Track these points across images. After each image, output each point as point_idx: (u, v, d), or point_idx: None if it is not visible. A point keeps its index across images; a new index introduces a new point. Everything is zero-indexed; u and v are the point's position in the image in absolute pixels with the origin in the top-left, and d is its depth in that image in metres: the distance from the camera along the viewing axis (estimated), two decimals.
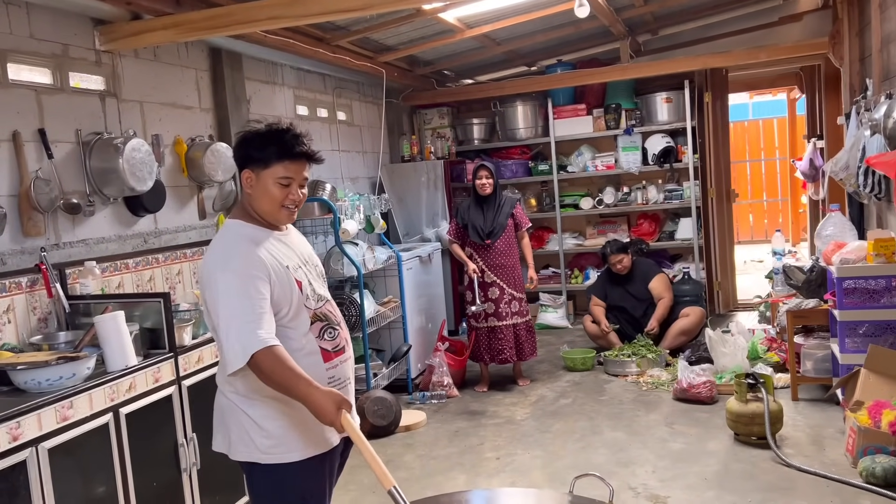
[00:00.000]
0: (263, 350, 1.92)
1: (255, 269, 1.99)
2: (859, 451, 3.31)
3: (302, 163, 2.08)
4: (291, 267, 2.10)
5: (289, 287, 2.06)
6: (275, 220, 2.13)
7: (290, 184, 2.07)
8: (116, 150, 3.29)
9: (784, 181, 11.87)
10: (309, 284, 2.14)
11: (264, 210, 2.10)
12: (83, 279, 3.09)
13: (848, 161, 4.71)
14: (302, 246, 2.26)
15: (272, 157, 2.04)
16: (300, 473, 2.07)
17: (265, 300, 1.98)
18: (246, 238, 2.07)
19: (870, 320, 3.83)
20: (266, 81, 4.87)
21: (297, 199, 2.11)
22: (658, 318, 5.51)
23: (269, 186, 2.06)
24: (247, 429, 2.06)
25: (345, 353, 2.19)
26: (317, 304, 2.14)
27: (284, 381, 1.94)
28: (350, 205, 4.65)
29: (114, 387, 2.59)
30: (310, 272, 2.19)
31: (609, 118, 6.75)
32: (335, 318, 2.20)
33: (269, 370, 1.93)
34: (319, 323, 2.13)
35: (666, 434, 4.01)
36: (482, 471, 3.72)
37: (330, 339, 2.14)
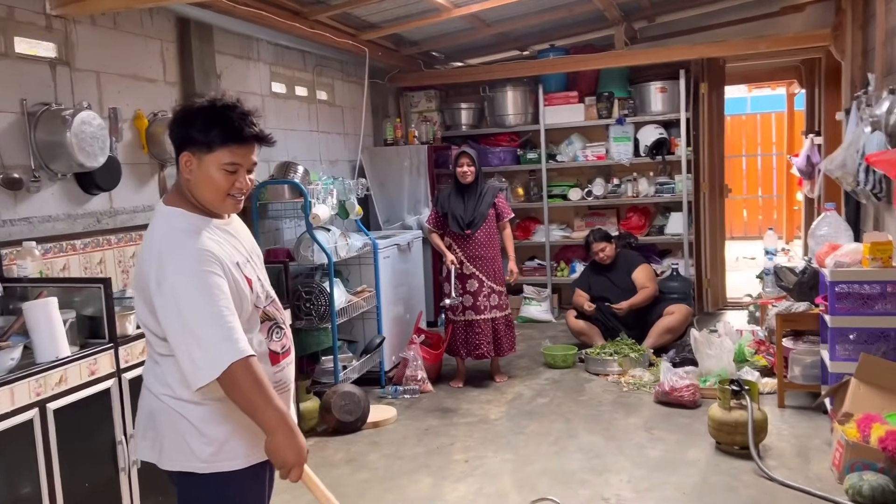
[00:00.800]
0: (240, 361, 1.70)
1: (209, 265, 1.75)
2: (846, 466, 3.13)
3: (251, 146, 1.83)
4: (241, 263, 1.86)
5: (241, 285, 1.82)
6: (218, 210, 1.88)
7: (236, 170, 1.81)
8: (64, 123, 3.05)
9: (780, 177, 11.69)
10: (258, 280, 1.93)
11: (206, 199, 1.84)
12: (21, 260, 2.86)
13: (845, 159, 4.51)
14: (246, 236, 2.02)
15: (216, 141, 1.78)
16: (243, 482, 1.86)
17: (229, 299, 1.75)
18: (191, 231, 1.81)
19: (862, 327, 3.64)
20: (239, 56, 4.62)
21: (245, 186, 1.85)
22: (632, 302, 5.33)
23: (212, 173, 1.80)
24: (184, 435, 1.82)
25: (289, 356, 1.99)
26: (264, 302, 1.93)
27: (255, 401, 1.72)
28: (323, 189, 4.43)
29: (40, 380, 2.38)
30: (256, 266, 1.97)
31: (601, 107, 6.52)
32: (281, 316, 1.99)
33: (241, 384, 1.71)
34: (268, 322, 1.93)
35: (644, 440, 3.82)
36: (449, 474, 3.52)
37: (277, 340, 1.94)
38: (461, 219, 4.78)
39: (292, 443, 1.74)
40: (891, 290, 3.60)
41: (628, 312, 5.39)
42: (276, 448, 1.73)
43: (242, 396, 1.72)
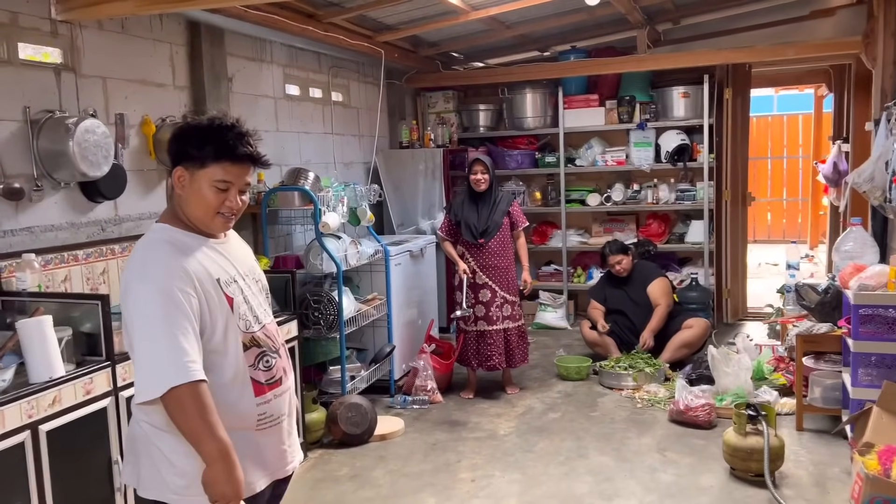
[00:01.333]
0: (186, 386, 1.67)
1: (178, 279, 1.74)
2: (865, 500, 2.99)
3: (245, 166, 1.85)
4: (223, 280, 1.83)
5: (217, 304, 1.79)
6: (207, 228, 1.88)
7: (228, 188, 1.83)
8: (67, 132, 3.00)
9: (806, 181, 11.42)
10: (245, 302, 1.87)
11: (195, 216, 1.85)
12: (19, 272, 2.81)
13: (874, 172, 4.35)
14: (242, 257, 1.98)
15: (209, 157, 1.80)
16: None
17: (189, 320, 1.71)
18: (170, 243, 1.81)
19: (887, 353, 3.50)
20: (252, 58, 4.55)
21: (236, 206, 1.87)
22: (652, 329, 5.19)
23: (203, 189, 1.81)
24: (157, 464, 1.80)
25: (281, 386, 1.93)
26: (251, 327, 1.87)
27: (196, 429, 1.69)
28: (333, 196, 4.35)
29: (33, 402, 2.33)
30: (248, 287, 1.92)
31: (622, 111, 6.38)
32: (273, 343, 1.93)
33: (184, 409, 1.68)
34: (255, 349, 1.87)
35: (657, 462, 3.71)
36: (454, 494, 3.44)
37: (265, 370, 1.88)
38: (475, 227, 4.68)
39: (226, 476, 1.69)
40: None
41: (644, 318, 5.26)
42: (214, 480, 1.69)
43: (185, 422, 1.68)
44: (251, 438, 1.85)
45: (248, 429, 1.84)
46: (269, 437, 1.90)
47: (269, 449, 1.91)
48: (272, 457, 1.92)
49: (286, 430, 1.96)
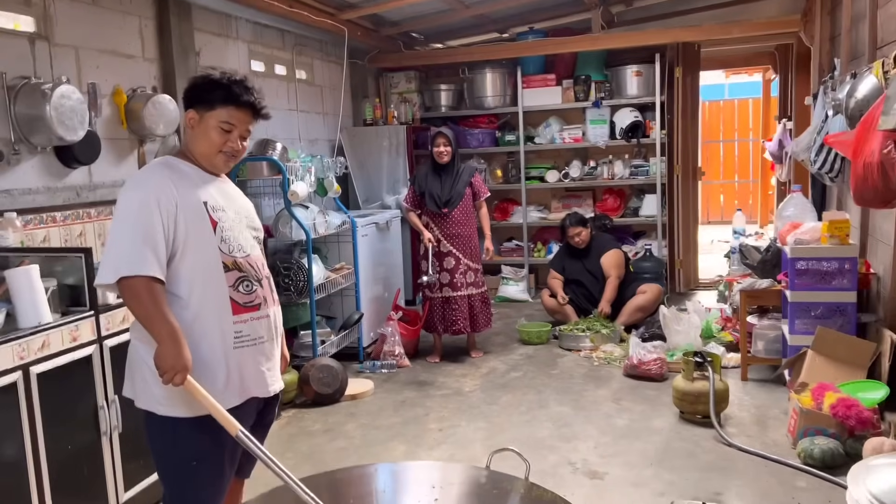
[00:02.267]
0: (140, 278, 1.89)
1: (161, 197, 1.94)
2: (800, 432, 3.29)
3: (247, 112, 2.08)
4: (211, 205, 2.05)
5: (199, 222, 2.00)
6: (210, 166, 2.11)
7: (231, 130, 2.06)
8: (44, 97, 3.09)
9: (756, 162, 11.89)
10: (229, 229, 2.08)
11: (201, 152, 2.09)
12: (2, 230, 2.91)
13: (810, 142, 4.66)
14: (239, 199, 2.21)
15: (217, 101, 2.04)
16: (191, 431, 2.01)
17: (157, 228, 1.93)
18: (166, 166, 2.05)
19: (820, 301, 3.79)
20: (218, 34, 4.66)
21: (237, 148, 2.10)
22: (608, 299, 5.46)
23: (209, 129, 2.05)
24: (146, 377, 2.03)
25: (259, 311, 2.11)
26: (234, 252, 2.07)
27: (148, 314, 1.90)
28: (301, 166, 4.49)
29: (24, 344, 2.44)
30: (237, 221, 2.12)
31: (578, 90, 6.63)
32: (257, 273, 2.12)
33: (138, 297, 1.90)
34: (236, 272, 2.06)
35: (612, 410, 3.96)
36: (423, 442, 3.64)
37: (245, 293, 2.07)
38: (438, 198, 4.87)
39: (174, 352, 1.88)
40: (847, 267, 3.75)
41: (600, 288, 5.51)
42: (163, 355, 1.88)
43: (137, 307, 1.91)
44: (229, 354, 2.03)
45: (226, 344, 2.02)
46: (247, 357, 2.07)
47: (247, 368, 2.07)
48: (250, 375, 2.08)
49: (266, 354, 2.13)
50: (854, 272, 3.74)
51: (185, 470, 2.03)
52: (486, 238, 5.07)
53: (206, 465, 2.04)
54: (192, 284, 1.98)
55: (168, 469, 2.07)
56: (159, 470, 2.09)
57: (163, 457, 2.06)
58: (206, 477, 2.05)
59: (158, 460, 2.08)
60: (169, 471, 2.07)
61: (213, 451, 2.03)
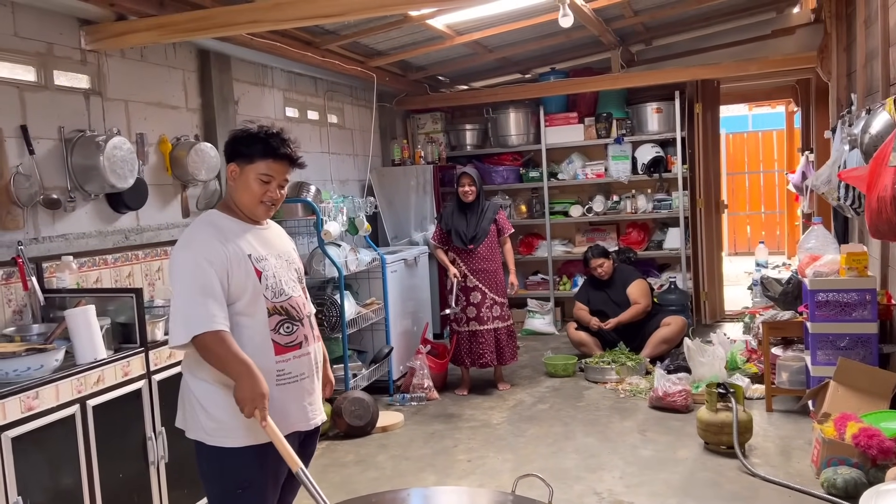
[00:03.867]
0: (210, 333, 2.05)
1: (210, 255, 2.11)
2: (823, 462, 3.34)
3: (284, 164, 2.22)
4: (255, 257, 2.20)
5: (246, 275, 2.15)
6: (252, 215, 2.26)
7: (270, 181, 2.20)
8: (98, 148, 3.35)
9: (782, 193, 11.90)
10: (273, 276, 2.23)
11: (243, 203, 2.24)
12: (59, 273, 3.15)
13: (830, 175, 4.74)
14: (280, 242, 2.37)
15: (257, 154, 2.18)
16: (239, 460, 2.16)
17: (214, 284, 2.09)
18: (211, 224, 2.20)
19: (841, 333, 3.86)
20: (255, 83, 4.93)
21: (276, 197, 2.24)
22: (621, 319, 5.55)
23: (250, 181, 2.19)
24: (195, 408, 2.19)
25: (300, 349, 2.25)
26: (277, 297, 2.22)
27: (223, 359, 2.06)
28: (334, 207, 4.70)
29: (81, 379, 2.64)
30: (280, 266, 2.28)
31: (600, 127, 6.80)
32: (298, 313, 2.27)
33: (211, 349, 2.07)
34: (278, 316, 2.21)
35: (637, 441, 4.04)
36: (452, 472, 3.76)
37: (286, 334, 2.22)
38: (464, 234, 5.04)
39: (251, 384, 2.04)
40: (868, 298, 3.82)
41: (628, 324, 5.60)
42: (239, 389, 2.05)
43: (213, 358, 2.07)
44: (272, 392, 2.16)
45: (269, 382, 2.16)
46: (290, 393, 2.22)
47: (290, 403, 2.23)
48: (293, 410, 2.24)
49: (307, 389, 2.28)
50: (874, 303, 3.82)
51: (231, 497, 2.19)
52: (511, 273, 5.21)
53: (250, 492, 2.18)
54: (239, 329, 2.14)
55: (215, 495, 2.23)
56: (208, 496, 2.25)
57: (211, 483, 2.22)
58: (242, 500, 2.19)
59: (207, 487, 2.24)
60: (216, 497, 2.23)
61: (258, 480, 2.18)
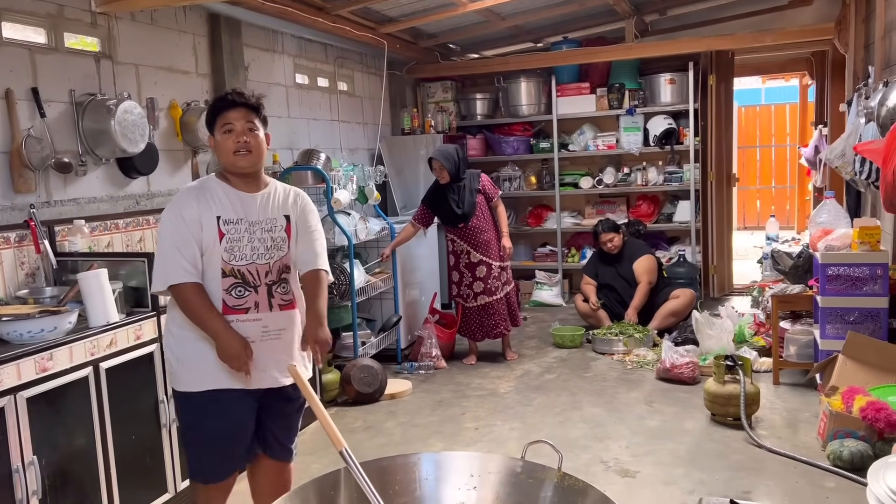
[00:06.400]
0: (186, 284, 2.25)
1: (185, 212, 2.29)
2: (830, 434, 3.35)
3: (240, 110, 2.34)
4: (224, 218, 2.32)
5: (210, 234, 2.29)
6: (236, 169, 2.35)
7: (232, 129, 2.32)
8: (108, 112, 3.34)
9: (793, 168, 11.80)
10: (237, 240, 2.32)
11: (225, 163, 2.36)
12: (71, 237, 3.16)
13: (844, 149, 4.69)
14: (268, 210, 2.41)
15: (216, 114, 2.36)
16: (204, 404, 2.34)
17: (188, 240, 2.27)
18: (200, 186, 2.37)
19: (851, 307, 3.85)
20: (265, 49, 4.89)
21: (244, 141, 2.32)
22: (635, 306, 5.54)
23: (220, 140, 2.34)
24: (169, 356, 2.42)
25: (247, 314, 2.34)
26: (236, 260, 2.32)
27: (201, 313, 2.26)
28: (343, 175, 4.69)
29: (94, 341, 2.66)
30: (251, 231, 2.34)
31: (612, 98, 6.73)
32: (254, 280, 2.35)
33: (186, 301, 2.27)
34: (232, 278, 2.32)
35: (644, 412, 4.07)
36: (460, 439, 3.79)
37: (236, 297, 2.33)
38: (454, 214, 4.93)
39: (229, 341, 2.25)
40: (879, 273, 3.80)
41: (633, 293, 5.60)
42: (220, 348, 2.26)
43: (189, 310, 2.27)
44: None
45: None
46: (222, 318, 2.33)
47: None
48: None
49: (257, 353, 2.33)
50: (885, 278, 3.80)
51: (191, 435, 2.42)
52: (504, 236, 5.06)
53: (208, 433, 2.37)
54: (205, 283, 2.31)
55: (183, 434, 2.51)
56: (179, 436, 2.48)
57: (180, 423, 2.50)
58: (207, 444, 2.38)
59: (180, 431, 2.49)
60: (183, 435, 2.50)
61: (215, 423, 2.35)
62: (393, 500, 2.14)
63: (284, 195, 2.46)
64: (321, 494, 2.09)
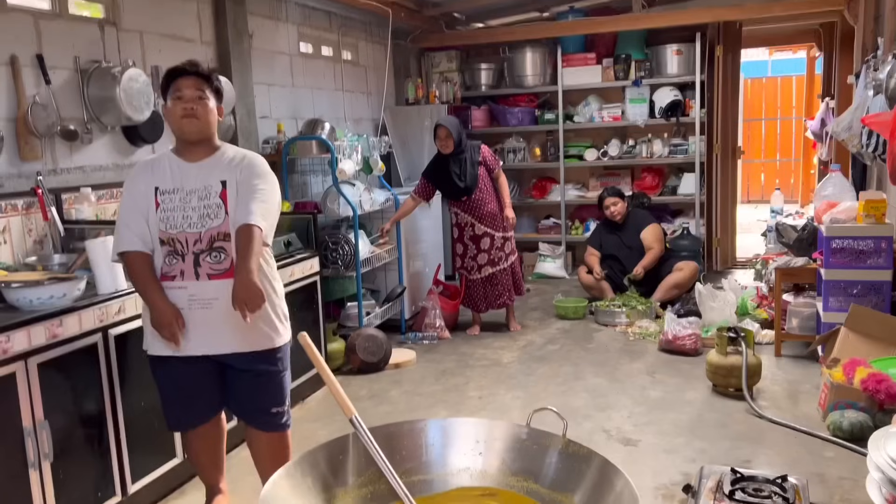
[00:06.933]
0: (132, 253, 2.39)
1: (133, 186, 2.44)
2: (830, 405, 3.39)
3: (190, 79, 2.41)
4: (161, 189, 2.42)
5: (149, 205, 2.41)
6: (183, 135, 2.44)
7: (181, 95, 2.39)
8: (114, 79, 3.33)
9: (798, 141, 11.74)
10: (171, 210, 2.40)
11: (175, 129, 2.45)
12: (78, 205, 3.17)
13: (852, 121, 4.67)
14: (205, 177, 2.44)
15: (167, 83, 2.44)
16: (157, 368, 2.54)
17: (134, 212, 2.40)
18: (151, 161, 2.50)
19: (854, 280, 3.86)
20: (269, 17, 4.85)
21: (192, 107, 2.39)
22: (644, 264, 5.56)
23: (170, 107, 2.43)
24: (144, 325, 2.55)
25: (173, 282, 2.42)
26: (170, 229, 2.40)
27: (139, 283, 2.42)
28: (348, 145, 4.68)
29: (103, 308, 2.68)
30: (186, 200, 2.41)
31: (618, 68, 6.68)
32: (182, 248, 2.41)
33: (128, 270, 2.45)
34: (168, 247, 2.42)
35: (647, 382, 4.10)
36: (464, 408, 3.83)
37: (167, 265, 2.43)
38: (457, 187, 4.92)
39: (161, 312, 2.37)
40: (884, 246, 3.80)
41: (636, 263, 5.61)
42: (153, 319, 2.40)
43: (132, 279, 2.45)
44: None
45: None
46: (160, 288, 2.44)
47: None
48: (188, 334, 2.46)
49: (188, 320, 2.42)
50: (889, 251, 3.80)
51: (160, 394, 2.61)
52: (506, 207, 5.06)
53: (162, 392, 2.58)
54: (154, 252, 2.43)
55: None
56: None
57: None
58: (165, 400, 2.59)
59: None
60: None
61: (165, 384, 2.55)
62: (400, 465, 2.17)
63: (228, 160, 2.47)
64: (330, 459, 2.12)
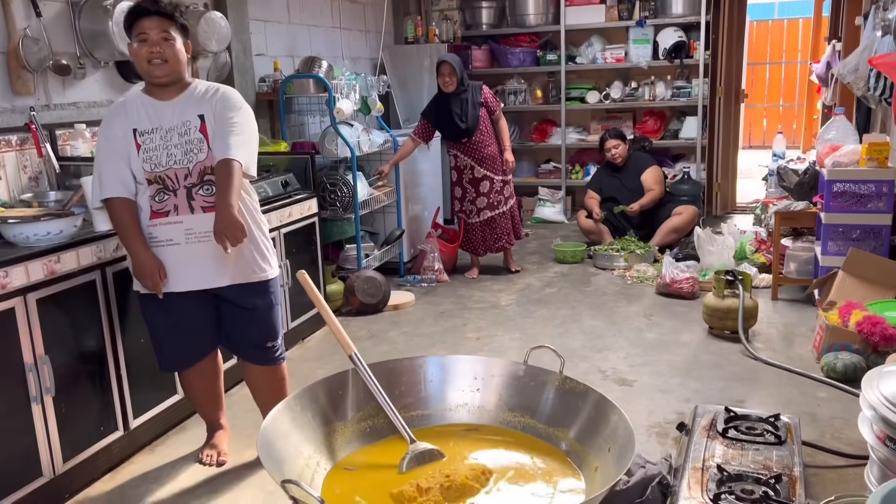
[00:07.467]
0: (112, 199, 2.38)
1: (110, 131, 2.40)
2: (825, 347, 3.42)
3: (154, 19, 2.33)
4: (140, 130, 2.39)
5: (129, 147, 2.38)
6: (151, 78, 2.39)
7: (146, 38, 2.33)
8: (106, 13, 3.24)
9: (802, 86, 11.57)
10: (153, 150, 2.38)
11: (142, 71, 2.40)
12: (73, 141, 3.13)
13: (858, 63, 4.59)
14: (180, 114, 2.42)
15: (130, 23, 2.37)
16: (145, 303, 2.56)
17: (111, 157, 2.38)
18: (124, 103, 2.44)
19: (854, 224, 3.85)
20: None
21: (157, 51, 2.34)
22: (642, 203, 5.55)
23: (135, 49, 2.37)
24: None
25: (167, 217, 2.43)
26: (155, 168, 2.39)
27: (122, 232, 2.43)
28: (346, 84, 4.60)
29: (101, 245, 2.66)
30: (167, 138, 2.39)
31: (622, 8, 6.54)
32: (172, 184, 2.41)
33: (112, 216, 2.44)
34: (156, 185, 2.41)
35: (643, 325, 4.13)
36: (462, 348, 3.87)
37: (158, 202, 2.42)
38: (458, 129, 4.85)
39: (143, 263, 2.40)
40: (885, 190, 3.78)
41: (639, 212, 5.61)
42: (134, 267, 2.44)
43: (115, 226, 2.46)
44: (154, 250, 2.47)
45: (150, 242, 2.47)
46: (165, 256, 2.45)
47: (167, 263, 2.46)
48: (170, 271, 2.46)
49: (180, 255, 2.44)
50: (891, 195, 3.78)
51: (149, 331, 2.63)
52: (506, 150, 5.02)
53: (152, 329, 2.61)
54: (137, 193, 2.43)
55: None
56: None
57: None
58: (159, 339, 2.61)
59: None
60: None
61: (169, 323, 2.54)
62: (399, 400, 2.21)
63: (201, 94, 2.44)
64: (330, 394, 2.16)
